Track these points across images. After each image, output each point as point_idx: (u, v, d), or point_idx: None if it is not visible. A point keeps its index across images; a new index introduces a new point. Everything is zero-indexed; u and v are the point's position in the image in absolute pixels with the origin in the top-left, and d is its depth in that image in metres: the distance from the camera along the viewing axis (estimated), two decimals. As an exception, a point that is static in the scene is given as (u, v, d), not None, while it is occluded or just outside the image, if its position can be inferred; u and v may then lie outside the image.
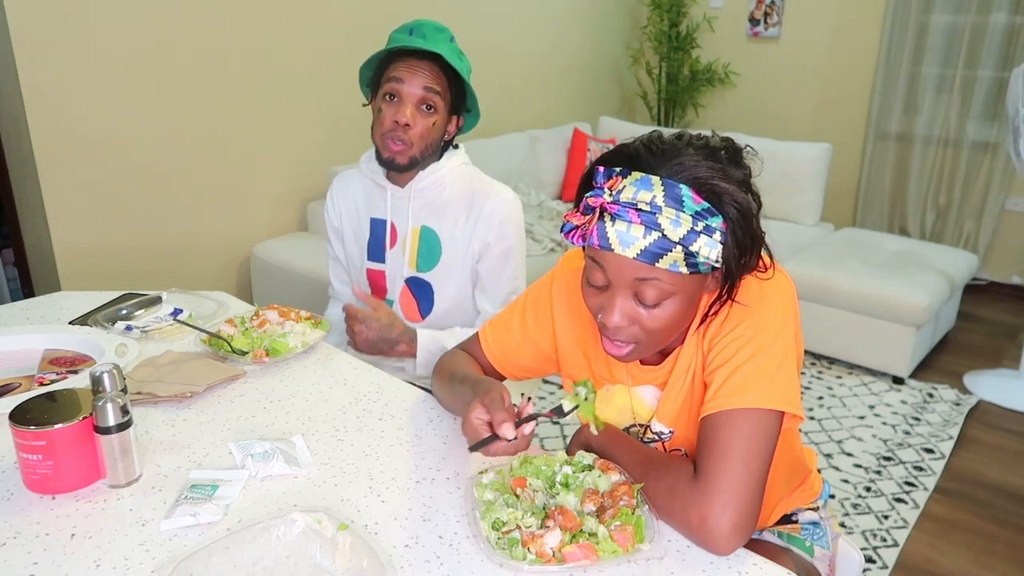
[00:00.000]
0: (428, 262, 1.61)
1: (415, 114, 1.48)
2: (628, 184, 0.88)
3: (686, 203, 0.86)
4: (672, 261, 0.87)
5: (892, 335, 3.08)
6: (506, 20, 4.04)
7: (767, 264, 0.96)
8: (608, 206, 0.88)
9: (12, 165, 2.62)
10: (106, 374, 1.01)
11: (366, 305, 1.55)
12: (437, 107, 1.49)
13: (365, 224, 1.68)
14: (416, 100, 1.47)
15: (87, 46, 2.46)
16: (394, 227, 1.63)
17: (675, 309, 0.92)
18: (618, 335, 0.94)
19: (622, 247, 0.87)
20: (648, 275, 0.89)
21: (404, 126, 1.47)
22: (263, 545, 0.87)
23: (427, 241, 1.61)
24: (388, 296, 1.67)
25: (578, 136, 4.21)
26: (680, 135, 0.93)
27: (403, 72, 1.46)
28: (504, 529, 0.89)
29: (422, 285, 1.63)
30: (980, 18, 3.93)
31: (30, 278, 2.77)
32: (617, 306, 0.92)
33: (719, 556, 0.90)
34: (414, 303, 1.65)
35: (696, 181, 0.87)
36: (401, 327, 1.54)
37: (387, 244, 1.64)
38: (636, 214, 0.86)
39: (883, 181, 4.40)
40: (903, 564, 2.09)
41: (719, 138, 0.94)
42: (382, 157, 1.54)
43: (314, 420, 1.21)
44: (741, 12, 4.73)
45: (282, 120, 3.10)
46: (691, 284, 0.91)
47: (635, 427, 1.10)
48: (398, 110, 1.47)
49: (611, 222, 0.87)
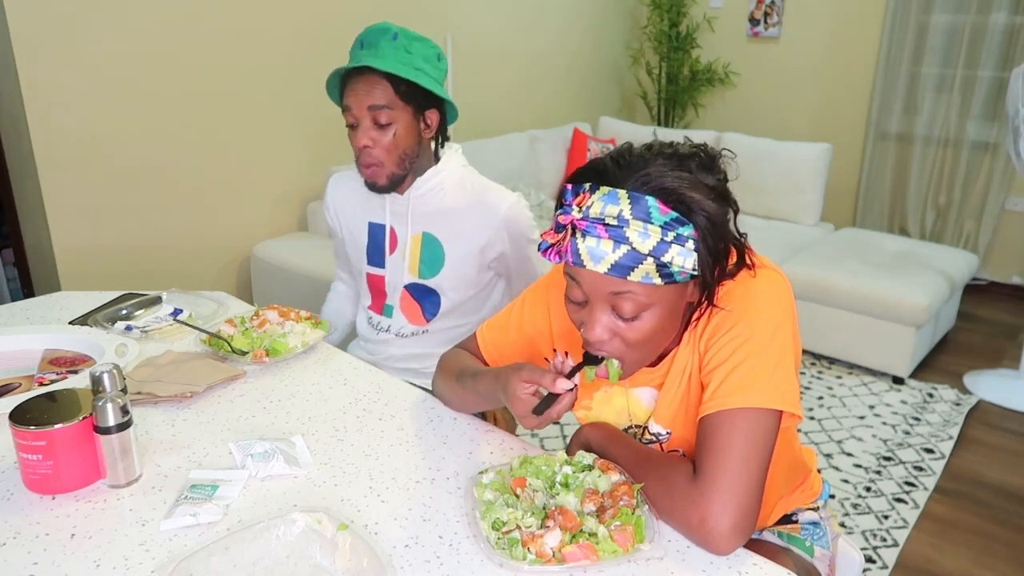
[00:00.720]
0: (432, 268, 1.59)
1: (370, 134, 1.47)
2: (596, 199, 0.88)
3: (653, 214, 0.86)
4: (644, 273, 0.87)
5: (892, 335, 3.08)
6: (506, 20, 4.04)
7: (752, 263, 0.96)
8: (577, 223, 0.88)
9: (12, 165, 2.62)
10: (106, 374, 1.02)
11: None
12: (393, 119, 1.46)
13: (363, 228, 1.66)
14: (366, 121, 1.46)
15: (87, 46, 2.46)
16: (394, 232, 1.62)
17: (655, 321, 0.92)
18: (602, 349, 0.95)
19: (593, 262, 0.88)
20: (622, 288, 0.89)
21: (364, 148, 1.47)
22: (263, 545, 0.87)
23: (429, 247, 1.59)
24: (388, 301, 1.66)
25: (578, 136, 4.21)
26: (651, 146, 0.93)
27: (349, 98, 1.46)
28: (504, 529, 0.89)
29: (426, 290, 1.62)
30: (980, 18, 3.93)
31: (30, 278, 2.77)
32: (597, 320, 0.93)
33: (719, 556, 0.90)
34: (417, 307, 1.63)
35: (662, 191, 0.87)
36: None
37: (387, 250, 1.63)
38: (604, 229, 0.86)
39: (883, 181, 4.40)
40: (903, 564, 2.09)
41: (690, 144, 0.94)
42: (367, 183, 1.54)
43: (314, 420, 1.21)
44: (741, 12, 4.73)
45: (282, 120, 3.10)
46: (669, 294, 0.91)
47: (632, 428, 1.11)
48: (356, 135, 1.48)
49: (581, 238, 0.88)
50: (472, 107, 4.00)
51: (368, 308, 1.71)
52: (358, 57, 1.44)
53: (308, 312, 1.56)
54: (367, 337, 1.72)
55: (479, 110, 4.02)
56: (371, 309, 1.70)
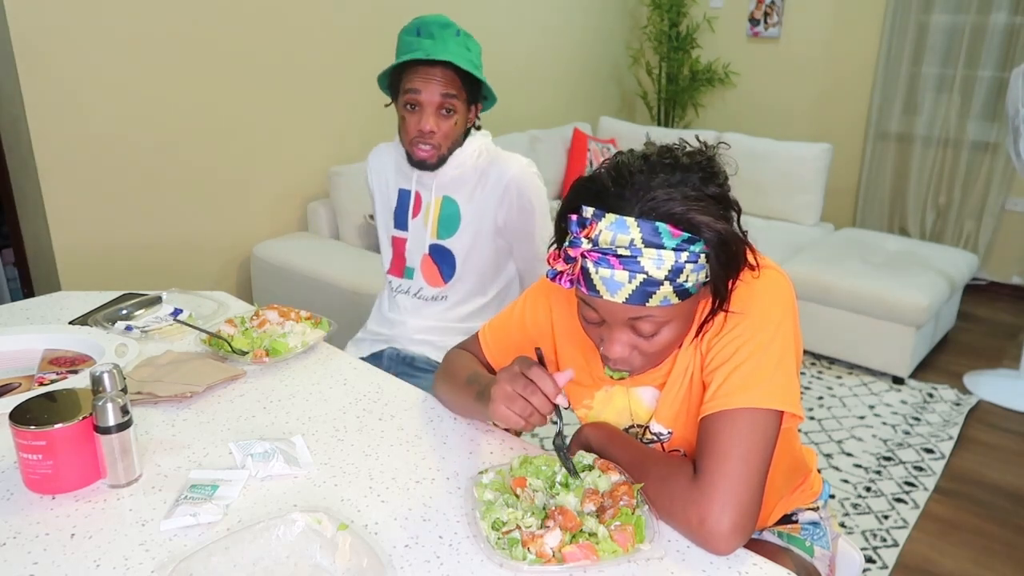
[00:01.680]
0: (448, 229, 1.68)
1: (437, 120, 1.55)
2: (604, 228, 0.86)
3: (665, 239, 0.85)
4: (662, 297, 0.87)
5: (892, 335, 3.08)
6: (506, 20, 4.04)
7: (755, 264, 0.96)
8: (588, 254, 0.87)
9: (12, 165, 2.62)
10: (106, 374, 1.02)
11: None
12: (456, 108, 1.56)
13: (394, 193, 1.75)
14: (435, 107, 1.54)
15: (87, 46, 2.46)
16: (419, 196, 1.71)
17: (673, 333, 0.94)
18: (621, 365, 0.97)
19: (610, 293, 0.88)
20: (641, 313, 0.90)
21: (429, 133, 1.56)
22: (263, 545, 0.87)
23: (447, 210, 1.68)
24: (408, 264, 1.74)
25: (578, 136, 4.21)
26: (647, 156, 0.91)
27: (418, 82, 1.53)
28: (504, 529, 0.89)
29: (443, 252, 1.70)
30: (980, 18, 3.93)
31: (30, 278, 2.77)
32: (616, 339, 0.94)
33: (719, 556, 0.90)
34: (435, 269, 1.71)
35: (672, 216, 0.85)
36: None
37: (411, 213, 1.71)
38: (617, 260, 0.86)
39: (883, 181, 4.40)
40: (903, 564, 2.09)
41: (686, 151, 0.92)
42: (411, 159, 1.62)
43: (314, 420, 1.21)
44: (741, 12, 4.72)
45: (282, 120, 3.10)
46: (684, 307, 0.92)
47: (634, 428, 1.10)
48: (420, 119, 1.55)
49: (594, 269, 0.87)
50: (472, 107, 4.00)
51: (388, 273, 1.79)
52: (426, 48, 1.50)
53: (308, 312, 1.56)
54: (385, 310, 1.79)
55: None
56: (391, 273, 1.78)
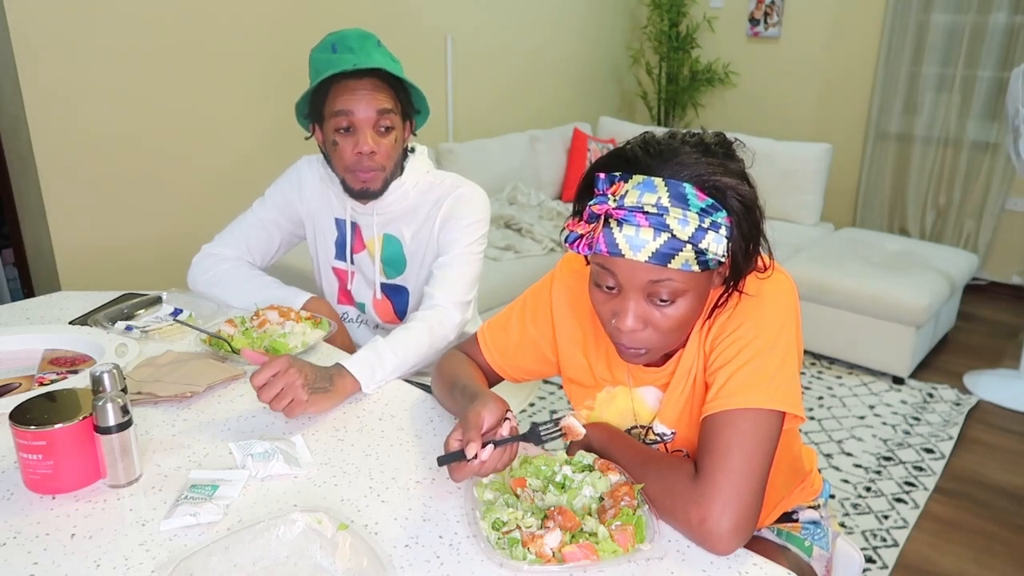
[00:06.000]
0: (395, 268, 1.59)
1: (376, 139, 1.41)
2: (631, 188, 0.88)
3: (691, 201, 0.87)
4: (684, 260, 0.87)
5: (892, 335, 3.08)
6: (506, 20, 4.04)
7: (766, 264, 0.97)
8: (614, 212, 0.87)
9: (12, 165, 2.62)
10: (106, 374, 1.01)
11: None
12: (394, 124, 1.43)
13: (330, 221, 1.61)
14: (372, 124, 1.40)
15: (87, 46, 2.46)
16: (359, 230, 1.58)
17: (687, 307, 0.93)
18: (633, 341, 0.95)
19: (632, 252, 0.87)
20: (661, 276, 0.89)
21: (370, 153, 1.41)
22: (263, 545, 0.87)
23: (390, 248, 1.57)
24: (359, 300, 1.65)
25: (578, 136, 4.21)
26: (673, 134, 0.94)
27: (349, 101, 1.37)
28: (504, 529, 0.89)
29: (398, 289, 1.61)
30: (980, 18, 3.93)
31: (30, 278, 2.77)
32: (631, 310, 0.92)
33: (719, 556, 0.90)
34: (389, 306, 1.63)
35: (699, 178, 0.88)
36: (309, 365, 1.22)
37: (353, 247, 1.61)
38: (644, 217, 0.86)
39: (883, 181, 4.40)
40: (903, 564, 2.09)
41: (711, 134, 0.95)
42: (351, 189, 1.47)
43: (314, 420, 1.21)
44: (741, 12, 4.72)
45: (282, 120, 3.10)
46: (701, 281, 0.92)
47: (637, 429, 1.10)
48: (357, 141, 1.40)
49: (618, 228, 0.87)
50: (472, 107, 4.00)
51: (338, 303, 1.69)
52: (349, 61, 1.37)
53: (308, 312, 1.56)
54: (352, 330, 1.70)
55: (479, 110, 4.02)
56: (341, 303, 1.69)
